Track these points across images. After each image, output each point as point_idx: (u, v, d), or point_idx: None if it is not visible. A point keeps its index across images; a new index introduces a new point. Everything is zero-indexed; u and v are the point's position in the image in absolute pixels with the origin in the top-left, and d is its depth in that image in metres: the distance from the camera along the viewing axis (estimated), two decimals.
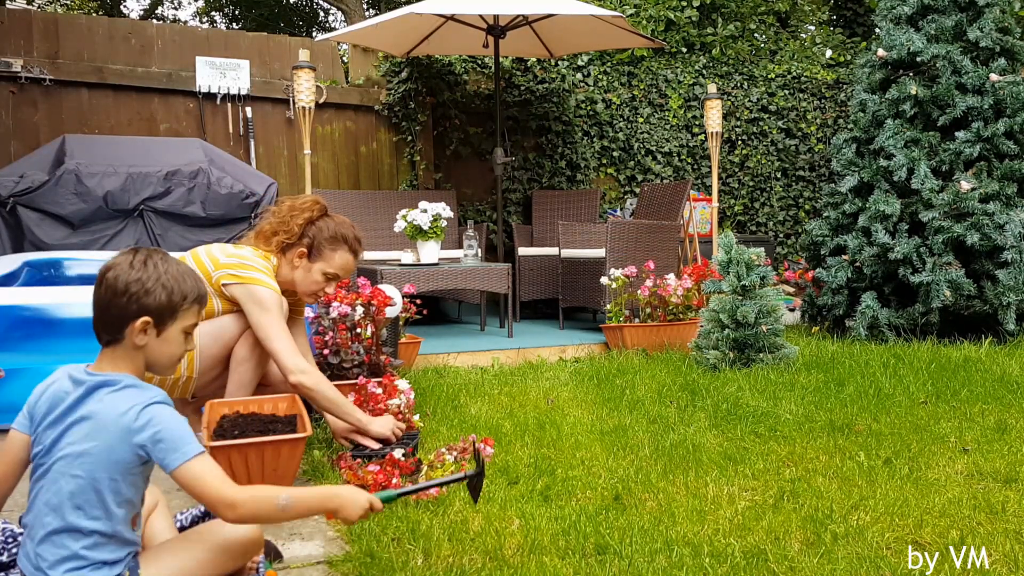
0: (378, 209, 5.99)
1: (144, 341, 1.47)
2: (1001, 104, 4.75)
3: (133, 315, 1.45)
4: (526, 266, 6.01)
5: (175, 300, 1.49)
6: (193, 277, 1.54)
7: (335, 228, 2.64)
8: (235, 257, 2.53)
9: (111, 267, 1.48)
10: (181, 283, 1.50)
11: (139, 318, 1.45)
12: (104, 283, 1.47)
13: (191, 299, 1.52)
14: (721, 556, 1.78)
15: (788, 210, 8.12)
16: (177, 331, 1.51)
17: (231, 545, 1.55)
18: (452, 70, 6.72)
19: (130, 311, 1.45)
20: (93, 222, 4.42)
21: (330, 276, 2.65)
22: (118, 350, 1.48)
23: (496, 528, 1.95)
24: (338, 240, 2.63)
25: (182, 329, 1.52)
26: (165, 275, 1.48)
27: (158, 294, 1.47)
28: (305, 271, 2.63)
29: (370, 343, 3.15)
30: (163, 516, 1.68)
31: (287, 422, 2.33)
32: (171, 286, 1.48)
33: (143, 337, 1.47)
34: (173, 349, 1.52)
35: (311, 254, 2.62)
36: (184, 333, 1.53)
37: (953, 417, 2.97)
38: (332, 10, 17.87)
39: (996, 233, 4.49)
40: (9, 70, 5.35)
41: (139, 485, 1.46)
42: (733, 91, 7.84)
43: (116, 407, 1.40)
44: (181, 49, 5.97)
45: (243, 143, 6.03)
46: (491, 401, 3.39)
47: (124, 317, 1.45)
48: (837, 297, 5.07)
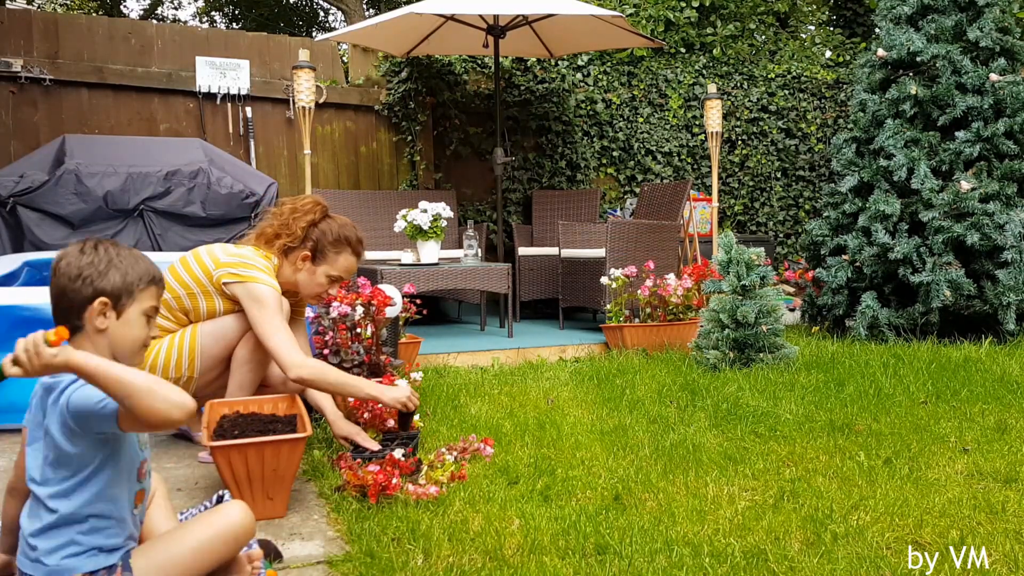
0: (378, 209, 5.99)
1: (105, 324, 1.47)
2: (1001, 104, 4.75)
3: (90, 297, 1.46)
4: (526, 266, 6.01)
5: (130, 280, 1.49)
6: (146, 261, 1.54)
7: (339, 231, 2.64)
8: (236, 256, 2.53)
9: (62, 256, 1.49)
10: (134, 264, 1.51)
11: (96, 299, 1.46)
12: (58, 271, 1.47)
13: (146, 279, 1.52)
14: (721, 556, 1.78)
15: (788, 210, 8.12)
16: (137, 313, 1.51)
17: (221, 532, 1.55)
18: (452, 70, 6.72)
19: (86, 294, 1.46)
20: (93, 222, 4.42)
21: (333, 278, 2.66)
22: (82, 340, 1.47)
23: (496, 528, 1.95)
24: (342, 243, 2.64)
25: (141, 311, 1.51)
26: (117, 258, 1.49)
27: (112, 275, 1.47)
28: (309, 274, 2.64)
29: (370, 343, 3.15)
30: (162, 509, 1.68)
31: (287, 422, 2.33)
32: (124, 267, 1.49)
33: (103, 320, 1.47)
34: (136, 332, 1.51)
35: (315, 257, 2.62)
36: (145, 316, 1.52)
37: (953, 417, 2.97)
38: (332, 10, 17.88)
39: (996, 233, 4.48)
40: (9, 70, 5.36)
41: (117, 465, 1.44)
42: (733, 91, 7.84)
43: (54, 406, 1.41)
44: (181, 49, 5.97)
45: (243, 143, 6.03)
46: (491, 401, 3.39)
47: (81, 301, 1.46)
48: (837, 297, 5.07)
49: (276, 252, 2.61)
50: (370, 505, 2.11)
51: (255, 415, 2.36)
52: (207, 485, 2.36)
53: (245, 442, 2.08)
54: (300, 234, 2.60)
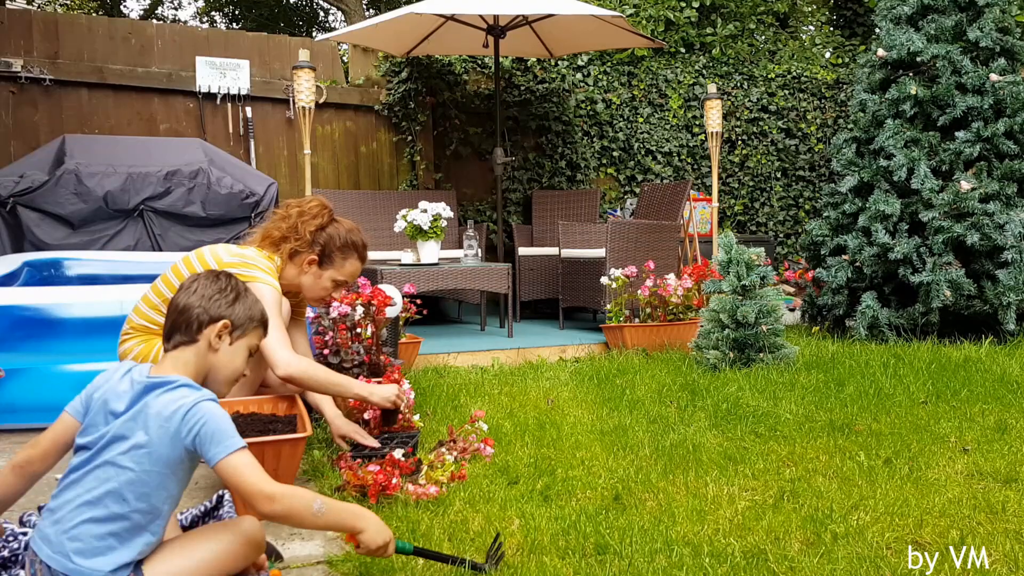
0: (378, 209, 5.99)
1: (219, 345, 1.59)
2: (1001, 104, 4.75)
3: (215, 318, 1.58)
4: (526, 266, 6.01)
5: (253, 315, 1.65)
6: (261, 305, 1.69)
7: (346, 236, 2.65)
8: (239, 256, 2.53)
9: (196, 279, 1.63)
10: (254, 304, 1.67)
11: (220, 321, 1.58)
12: (189, 291, 1.60)
13: (258, 320, 1.67)
14: (721, 556, 1.78)
15: (788, 210, 8.12)
16: (244, 346, 1.64)
17: (234, 547, 1.55)
18: (452, 70, 6.72)
19: (212, 315, 1.58)
20: (93, 222, 4.42)
21: (339, 283, 2.68)
22: (187, 352, 1.56)
23: (496, 528, 1.95)
24: (349, 248, 2.65)
25: (247, 346, 1.64)
26: (244, 293, 1.65)
27: (239, 306, 1.62)
28: (315, 277, 2.64)
29: (370, 343, 3.15)
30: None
31: (287, 422, 2.33)
32: (248, 302, 1.65)
33: (218, 341, 1.59)
34: (238, 363, 1.63)
35: (322, 261, 2.63)
36: (248, 351, 1.65)
37: (953, 417, 2.97)
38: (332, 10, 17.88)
39: (996, 233, 4.48)
40: (9, 70, 5.36)
41: (185, 481, 1.51)
42: (733, 91, 7.84)
43: (167, 406, 1.45)
44: (181, 49, 5.97)
45: (243, 143, 6.03)
46: (491, 401, 3.39)
47: (205, 320, 1.57)
48: (837, 297, 5.07)
49: (282, 255, 2.61)
50: (370, 505, 2.11)
51: (255, 415, 2.36)
52: (207, 485, 2.36)
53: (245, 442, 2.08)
54: (309, 239, 2.60)
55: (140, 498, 1.42)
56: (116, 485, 1.41)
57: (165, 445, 1.43)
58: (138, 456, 1.42)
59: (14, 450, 2.65)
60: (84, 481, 1.42)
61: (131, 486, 1.41)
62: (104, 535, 1.40)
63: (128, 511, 1.41)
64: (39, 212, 4.35)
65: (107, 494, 1.41)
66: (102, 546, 1.39)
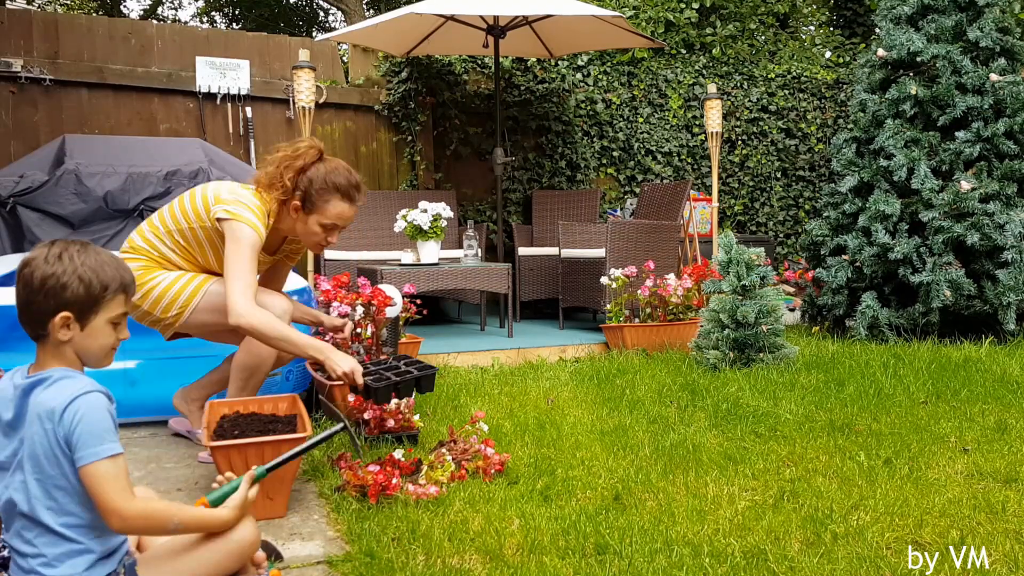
0: (378, 209, 5.99)
1: (67, 336, 1.43)
2: (1001, 104, 4.75)
3: (52, 311, 1.41)
4: (526, 266, 6.01)
5: (94, 292, 1.43)
6: (113, 266, 1.47)
7: (324, 176, 2.49)
8: (234, 195, 2.47)
9: (28, 262, 1.43)
10: (100, 273, 1.44)
11: (58, 313, 1.41)
12: (22, 279, 1.42)
13: (113, 288, 1.46)
14: (721, 556, 1.78)
15: (788, 210, 8.12)
16: (102, 322, 1.46)
17: (230, 549, 1.55)
18: (452, 70, 6.72)
19: (49, 307, 1.41)
20: (93, 222, 4.42)
21: (327, 226, 2.54)
22: (47, 346, 1.45)
23: (496, 528, 1.95)
24: (329, 189, 2.49)
25: (108, 320, 1.46)
26: (82, 267, 1.43)
27: (75, 287, 1.41)
28: (303, 223, 2.53)
29: (370, 343, 3.15)
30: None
31: (287, 422, 2.33)
32: (88, 278, 1.43)
33: (66, 332, 1.42)
34: (102, 341, 1.47)
35: (304, 206, 2.50)
36: (111, 323, 1.47)
37: (953, 417, 2.97)
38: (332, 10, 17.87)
39: (996, 233, 4.48)
40: (9, 70, 5.35)
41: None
42: (733, 91, 7.84)
43: (46, 404, 1.38)
44: (181, 49, 5.97)
45: (243, 143, 6.03)
46: (491, 401, 3.39)
47: (44, 313, 1.41)
48: (837, 297, 5.07)
49: (274, 202, 2.51)
50: (370, 505, 2.11)
51: (255, 415, 2.36)
52: (207, 485, 2.36)
53: (245, 442, 2.08)
54: (290, 185, 2.48)
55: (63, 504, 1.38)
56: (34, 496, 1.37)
57: (51, 444, 1.37)
58: (37, 463, 1.37)
59: None
60: (14, 495, 1.40)
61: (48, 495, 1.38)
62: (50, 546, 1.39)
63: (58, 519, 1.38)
64: (39, 212, 4.34)
65: (34, 507, 1.38)
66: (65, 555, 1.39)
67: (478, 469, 2.40)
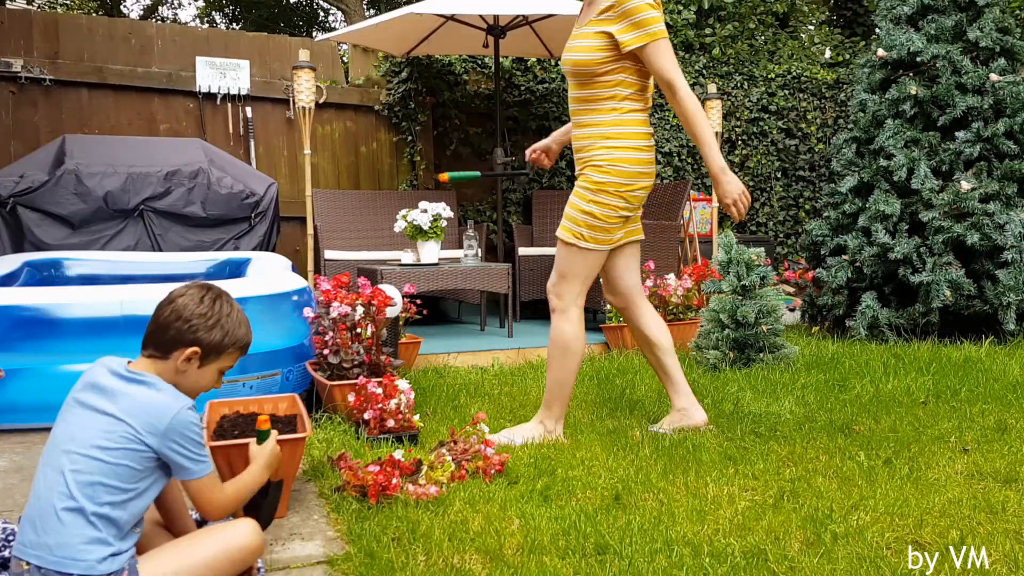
0: (378, 209, 5.99)
1: (186, 368, 1.58)
2: (1001, 104, 4.74)
3: (187, 343, 1.57)
4: (526, 266, 6.01)
5: (226, 342, 1.62)
6: (247, 327, 1.67)
7: None
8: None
9: (183, 294, 1.61)
10: (236, 329, 1.64)
11: (190, 347, 1.58)
12: (172, 306, 1.59)
13: (238, 346, 1.65)
14: (721, 556, 1.78)
15: (788, 210, 8.12)
16: (214, 368, 1.64)
17: (234, 552, 1.55)
18: (452, 70, 6.72)
19: (185, 339, 1.57)
20: (93, 222, 4.43)
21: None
22: (159, 365, 1.57)
23: (496, 528, 1.95)
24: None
25: (219, 368, 1.65)
26: (227, 318, 1.62)
27: (216, 332, 1.60)
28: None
29: (370, 343, 3.15)
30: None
31: (287, 422, 2.33)
32: (228, 328, 1.62)
33: (186, 365, 1.58)
34: (204, 383, 1.64)
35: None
36: (219, 371, 1.65)
37: (953, 417, 2.97)
38: (332, 10, 17.88)
39: (996, 233, 4.48)
40: (9, 70, 5.36)
41: (160, 480, 1.53)
42: (733, 91, 7.84)
43: (152, 403, 1.49)
44: (181, 49, 5.97)
45: (243, 143, 6.04)
46: (491, 401, 3.39)
47: (178, 342, 1.57)
48: (837, 297, 5.07)
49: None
50: (370, 505, 2.11)
51: (255, 415, 2.36)
52: None
53: (245, 442, 2.08)
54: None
55: (112, 492, 1.46)
56: (92, 475, 1.45)
57: (143, 438, 1.47)
58: (114, 451, 1.46)
59: (15, 450, 2.64)
60: (66, 474, 1.46)
61: (107, 477, 1.46)
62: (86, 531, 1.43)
63: (101, 505, 1.45)
64: (39, 212, 4.35)
65: (83, 486, 1.45)
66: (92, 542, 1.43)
67: (478, 469, 2.39)
